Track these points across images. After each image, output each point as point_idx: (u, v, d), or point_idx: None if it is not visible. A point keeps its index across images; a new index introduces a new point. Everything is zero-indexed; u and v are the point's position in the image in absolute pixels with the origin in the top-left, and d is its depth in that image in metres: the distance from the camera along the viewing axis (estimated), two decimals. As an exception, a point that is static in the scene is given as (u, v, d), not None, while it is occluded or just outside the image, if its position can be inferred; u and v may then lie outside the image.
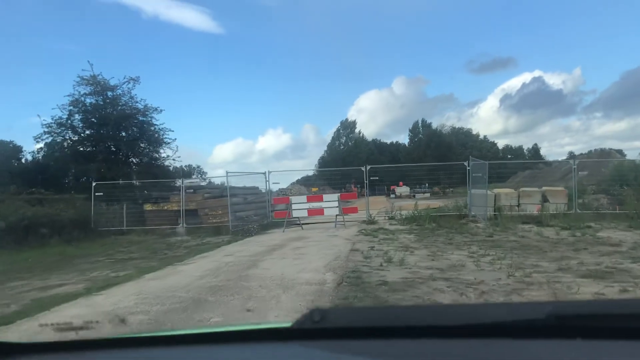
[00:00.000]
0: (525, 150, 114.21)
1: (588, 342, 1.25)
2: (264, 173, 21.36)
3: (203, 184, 27.85)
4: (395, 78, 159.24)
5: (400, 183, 46.42)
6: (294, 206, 17.67)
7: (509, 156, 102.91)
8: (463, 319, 1.42)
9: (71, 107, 25.82)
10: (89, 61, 26.44)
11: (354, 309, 3.22)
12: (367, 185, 21.13)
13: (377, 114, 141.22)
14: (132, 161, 27.42)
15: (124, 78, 27.06)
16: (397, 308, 3.15)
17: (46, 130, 25.59)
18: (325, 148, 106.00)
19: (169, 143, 28.56)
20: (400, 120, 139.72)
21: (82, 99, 26.22)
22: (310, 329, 1.47)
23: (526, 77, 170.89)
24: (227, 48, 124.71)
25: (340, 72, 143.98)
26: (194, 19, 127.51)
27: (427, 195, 38.39)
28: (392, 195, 43.78)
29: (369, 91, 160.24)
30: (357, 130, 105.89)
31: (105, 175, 24.54)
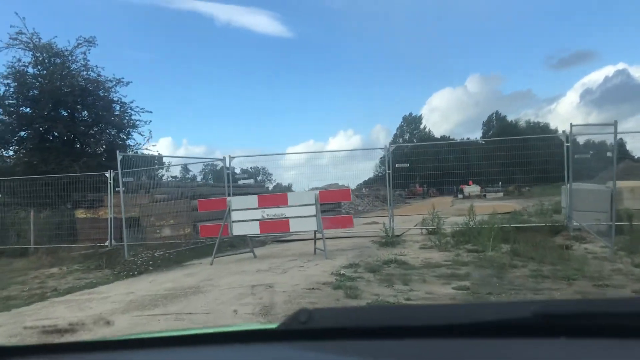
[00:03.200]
0: (608, 145, 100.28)
1: (572, 340, 1.25)
2: (222, 159, 13.47)
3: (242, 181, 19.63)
4: (469, 76, 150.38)
5: (470, 182, 37.68)
6: (234, 215, 9.55)
7: (591, 152, 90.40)
8: (449, 319, 1.39)
9: (1, 80, 18.85)
10: (16, 13, 19.15)
11: (341, 309, 2.78)
12: (391, 176, 12.75)
13: (449, 113, 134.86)
14: (88, 151, 20.25)
15: (77, 40, 19.91)
16: (384, 308, 3.17)
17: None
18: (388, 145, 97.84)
19: (137, 127, 21.20)
20: (474, 119, 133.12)
21: (23, 68, 19.27)
22: (296, 330, 1.43)
23: (609, 70, 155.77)
24: (297, 51, 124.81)
25: (411, 72, 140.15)
26: (265, 24, 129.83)
27: (500, 195, 31.78)
28: (460, 195, 35.52)
29: (441, 90, 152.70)
30: (422, 126, 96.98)
31: (45, 170, 17.45)
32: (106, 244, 14.57)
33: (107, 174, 14.72)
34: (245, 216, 9.58)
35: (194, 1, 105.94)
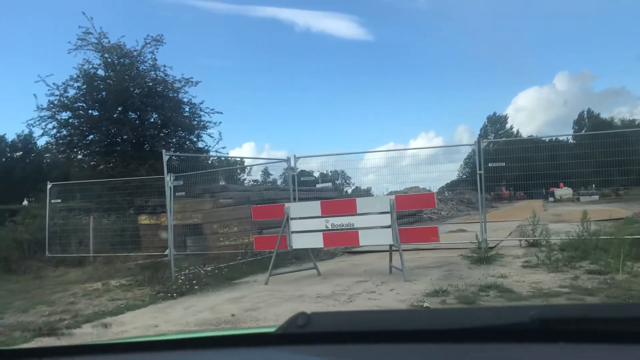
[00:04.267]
0: None
1: (570, 345, 1.25)
2: (287, 160, 11.99)
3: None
4: (557, 74, 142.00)
5: (561, 184, 34.27)
6: (294, 225, 7.95)
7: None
8: (448, 324, 1.39)
9: (71, 83, 18.44)
10: (84, 13, 18.58)
11: (340, 313, 2.67)
12: (482, 177, 10.78)
13: (536, 112, 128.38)
14: (156, 153, 19.46)
15: (145, 39, 19.21)
16: (383, 313, 3.09)
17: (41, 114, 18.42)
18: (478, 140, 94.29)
19: (207, 128, 20.25)
20: (562, 118, 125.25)
21: (93, 70, 18.81)
22: (294, 334, 1.44)
23: None
24: (377, 54, 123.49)
25: (495, 71, 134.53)
26: (344, 28, 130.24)
27: (596, 198, 29.23)
28: (551, 199, 32.46)
29: (527, 89, 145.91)
30: (508, 126, 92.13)
31: (112, 174, 16.86)
32: (166, 252, 13.54)
33: (168, 177, 13.68)
34: (306, 226, 7.98)
35: (275, 8, 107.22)
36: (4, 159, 56.09)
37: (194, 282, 7.71)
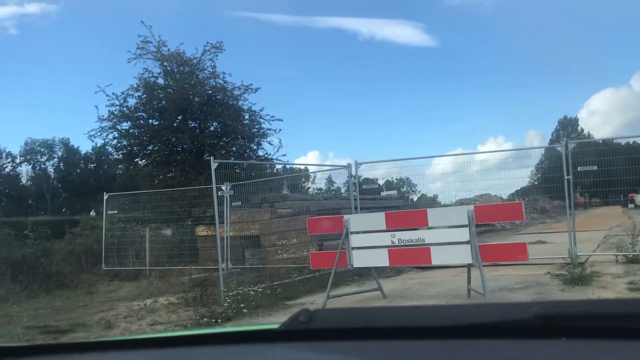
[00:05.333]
0: None
1: (572, 341, 1.24)
2: (347, 166, 11.01)
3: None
4: (634, 74, 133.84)
5: (641, 190, 31.49)
6: (354, 240, 6.91)
7: None
8: (451, 320, 1.38)
9: (131, 92, 18.31)
10: (142, 22, 18.40)
11: (343, 310, 2.38)
12: (570, 183, 9.45)
13: (612, 115, 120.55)
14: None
15: (204, 46, 18.87)
16: (385, 309, 2.90)
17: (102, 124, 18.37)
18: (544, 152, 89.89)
19: (267, 136, 19.64)
20: None
21: (153, 79, 18.64)
22: (298, 330, 1.43)
23: None
24: (442, 60, 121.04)
25: (565, 74, 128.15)
26: (408, 34, 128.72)
27: None
28: (631, 205, 29.67)
29: (601, 91, 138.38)
30: (579, 128, 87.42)
31: (171, 184, 16.54)
32: (223, 266, 12.87)
33: (224, 187, 13.03)
34: (369, 241, 6.96)
35: (339, 18, 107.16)
36: (78, 170, 58.50)
37: (242, 305, 6.85)
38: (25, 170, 59.09)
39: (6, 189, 56.33)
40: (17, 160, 58.71)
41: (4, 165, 58.15)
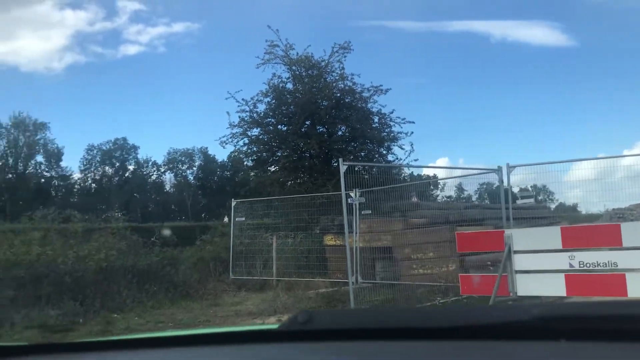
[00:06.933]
0: None
1: (572, 343, 1.25)
2: (497, 170, 9.43)
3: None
4: None
5: None
6: (518, 260, 5.39)
7: None
8: (450, 321, 1.39)
9: (260, 98, 18.08)
10: (269, 26, 18.01)
11: (341, 311, 3.02)
12: None
13: None
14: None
15: (332, 47, 18.10)
16: (384, 310, 3.35)
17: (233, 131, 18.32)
18: None
19: (397, 140, 18.38)
20: None
21: (282, 84, 18.29)
22: (296, 331, 1.44)
23: None
24: (580, 59, 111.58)
25: None
26: (543, 35, 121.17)
27: None
28: None
29: None
30: None
31: (299, 190, 16.00)
32: (352, 280, 11.84)
33: (352, 193, 12.03)
34: (538, 263, 5.48)
35: (469, 22, 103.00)
36: (215, 178, 61.56)
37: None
38: (168, 178, 63.45)
39: (152, 195, 60.77)
40: (162, 169, 63.13)
41: (150, 174, 62.83)
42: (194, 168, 63.09)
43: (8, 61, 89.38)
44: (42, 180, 55.99)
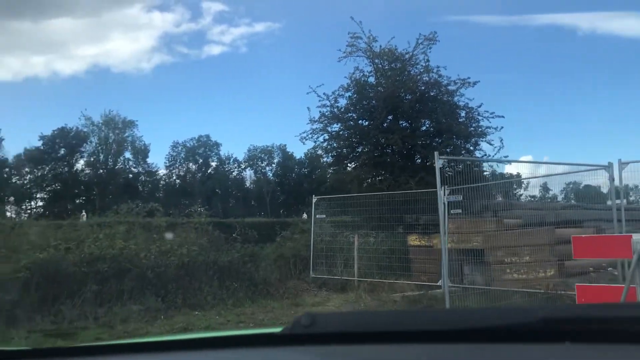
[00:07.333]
0: None
1: (576, 345, 1.25)
2: (607, 166, 8.43)
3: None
4: None
5: None
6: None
7: None
8: (454, 324, 1.38)
9: (341, 92, 17.63)
10: (352, 17, 17.47)
11: (345, 313, 2.91)
12: None
13: None
14: (427, 165, 17.42)
15: (417, 39, 17.33)
16: (388, 313, 3.20)
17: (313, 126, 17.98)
18: None
19: (486, 135, 17.37)
20: None
21: (364, 78, 17.75)
22: (300, 334, 1.43)
23: None
24: None
25: None
26: (635, 26, 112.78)
27: None
28: None
29: None
30: None
31: (380, 187, 15.46)
32: (439, 283, 11.14)
33: (440, 191, 11.32)
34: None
35: (555, 15, 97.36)
36: (293, 175, 62.06)
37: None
38: (248, 174, 64.61)
39: (233, 191, 62.12)
40: (242, 166, 64.39)
41: (231, 171, 64.24)
42: (273, 165, 63.90)
43: (100, 63, 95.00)
44: (130, 175, 58.48)
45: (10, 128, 78.20)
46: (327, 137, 17.76)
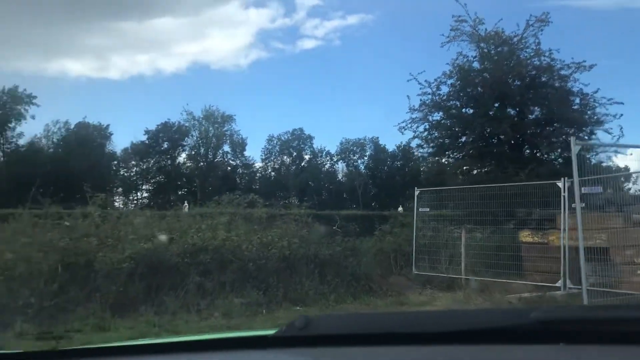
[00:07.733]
0: None
1: (570, 346, 1.24)
2: None
3: None
4: None
5: None
6: None
7: None
8: (449, 326, 1.37)
9: (444, 80, 16.75)
10: (458, 0, 16.42)
11: (339, 316, 2.94)
12: None
13: None
14: (538, 155, 16.22)
15: (527, 21, 16.08)
16: (382, 315, 3.14)
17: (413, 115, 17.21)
18: None
19: (603, 123, 15.86)
20: None
21: (467, 64, 16.77)
22: (294, 337, 1.42)
23: None
24: None
25: None
26: None
27: None
28: None
29: None
30: None
31: (486, 179, 14.53)
32: (557, 284, 10.14)
33: (560, 183, 10.29)
34: None
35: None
36: (385, 168, 61.18)
37: None
38: (340, 167, 64.53)
39: (325, 183, 62.35)
40: (334, 159, 64.44)
41: (324, 163, 64.48)
42: (365, 157, 63.37)
43: (200, 60, 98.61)
44: (229, 168, 60.29)
45: (118, 123, 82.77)
46: (427, 127, 16.95)
